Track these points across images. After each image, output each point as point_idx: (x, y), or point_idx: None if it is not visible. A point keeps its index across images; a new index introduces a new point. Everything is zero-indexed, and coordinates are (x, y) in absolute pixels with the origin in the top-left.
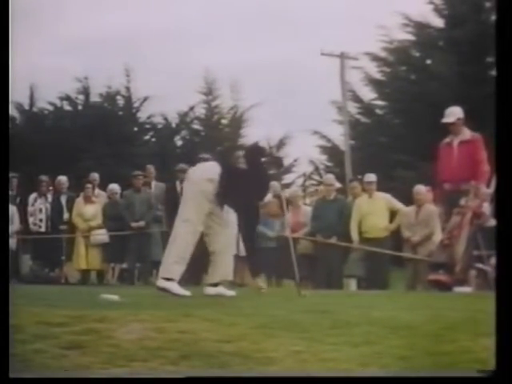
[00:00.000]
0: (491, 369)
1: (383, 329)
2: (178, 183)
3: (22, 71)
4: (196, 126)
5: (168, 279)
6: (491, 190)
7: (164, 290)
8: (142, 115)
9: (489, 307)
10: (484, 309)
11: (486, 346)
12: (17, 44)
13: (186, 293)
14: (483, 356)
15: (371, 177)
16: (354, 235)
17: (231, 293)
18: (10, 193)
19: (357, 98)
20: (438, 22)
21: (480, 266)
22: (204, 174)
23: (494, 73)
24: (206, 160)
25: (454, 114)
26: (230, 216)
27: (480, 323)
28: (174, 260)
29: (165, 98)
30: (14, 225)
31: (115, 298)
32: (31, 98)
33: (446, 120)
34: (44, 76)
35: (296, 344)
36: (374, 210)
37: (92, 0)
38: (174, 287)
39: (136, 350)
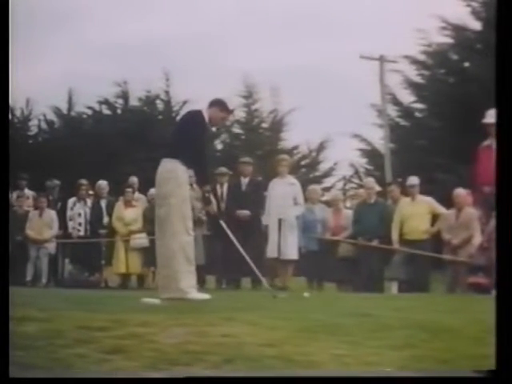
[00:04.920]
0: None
1: (424, 332)
2: (218, 187)
3: (61, 77)
4: (236, 129)
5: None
6: None
7: (189, 300)
8: None
9: None
10: None
11: None
12: (56, 50)
13: (206, 296)
14: None
15: (414, 180)
16: (395, 236)
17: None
18: (51, 198)
19: (396, 101)
20: (476, 25)
21: None
22: (185, 173)
23: None
24: (246, 163)
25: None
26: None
27: None
28: (188, 269)
29: (204, 101)
30: (53, 230)
31: (156, 301)
32: (69, 102)
33: (486, 120)
34: (83, 81)
35: (338, 347)
36: (416, 212)
37: (130, 5)
38: (195, 294)
39: (178, 354)
